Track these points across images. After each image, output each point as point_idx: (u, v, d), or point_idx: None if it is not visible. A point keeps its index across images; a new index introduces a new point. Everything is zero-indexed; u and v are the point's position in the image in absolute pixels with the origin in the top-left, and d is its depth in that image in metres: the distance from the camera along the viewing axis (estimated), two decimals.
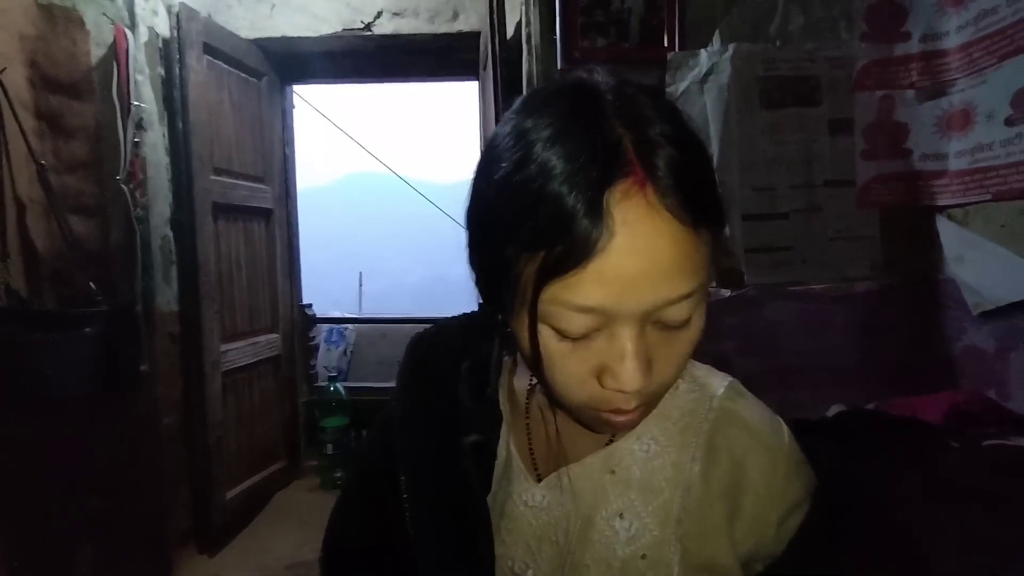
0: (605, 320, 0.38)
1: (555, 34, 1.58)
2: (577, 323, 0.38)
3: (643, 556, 0.46)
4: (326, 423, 2.23)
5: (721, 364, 0.55)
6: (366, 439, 0.60)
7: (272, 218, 2.14)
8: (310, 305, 2.41)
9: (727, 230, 1.50)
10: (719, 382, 0.52)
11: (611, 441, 0.50)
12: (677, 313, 0.38)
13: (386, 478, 0.52)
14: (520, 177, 0.37)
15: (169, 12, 1.67)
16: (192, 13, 1.69)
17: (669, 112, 0.40)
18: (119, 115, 1.61)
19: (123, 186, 1.63)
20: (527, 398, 0.54)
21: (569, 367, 0.40)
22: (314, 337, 2.46)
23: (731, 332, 1.52)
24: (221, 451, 1.85)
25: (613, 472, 0.49)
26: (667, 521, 0.47)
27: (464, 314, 0.61)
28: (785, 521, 0.47)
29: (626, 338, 0.38)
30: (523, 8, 1.59)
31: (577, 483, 0.49)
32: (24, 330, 1.51)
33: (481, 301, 0.48)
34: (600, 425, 0.44)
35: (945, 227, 1.47)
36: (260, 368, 2.08)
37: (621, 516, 0.47)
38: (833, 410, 1.33)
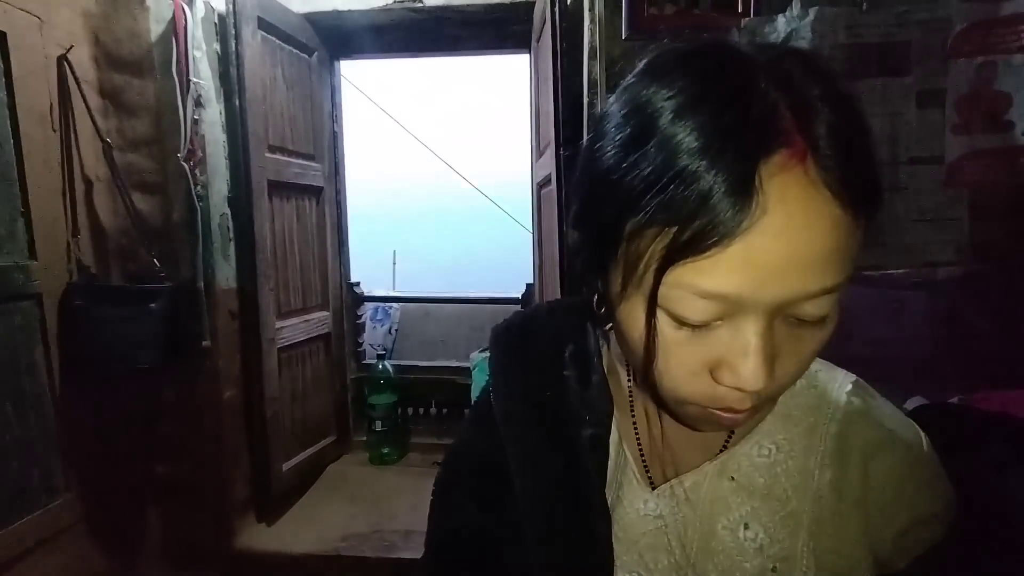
0: (732, 309, 0.33)
1: (620, 4, 1.50)
2: (701, 310, 0.34)
3: (773, 568, 0.43)
4: (374, 400, 2.26)
5: None
6: (462, 434, 0.56)
7: (323, 196, 2.14)
8: (358, 283, 2.43)
9: None
10: (843, 379, 0.48)
11: (726, 445, 0.46)
12: (815, 308, 0.34)
13: (493, 476, 0.48)
14: (649, 149, 0.33)
15: None
16: None
17: (826, 73, 0.34)
18: (179, 92, 1.62)
19: (184, 164, 1.65)
20: (630, 395, 0.50)
21: (682, 357, 0.36)
22: (361, 315, 2.48)
23: None
24: (277, 425, 1.90)
25: (732, 479, 0.45)
26: (797, 532, 0.43)
27: (549, 301, 0.57)
28: (908, 532, 0.42)
29: (752, 331, 0.33)
30: None
31: (696, 491, 0.46)
32: (95, 303, 1.56)
33: (583, 280, 0.44)
34: (703, 423, 0.40)
35: None
36: (312, 345, 2.12)
37: (746, 526, 0.44)
38: (911, 403, 1.26)
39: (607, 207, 0.36)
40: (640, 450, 0.49)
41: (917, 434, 0.46)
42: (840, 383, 0.47)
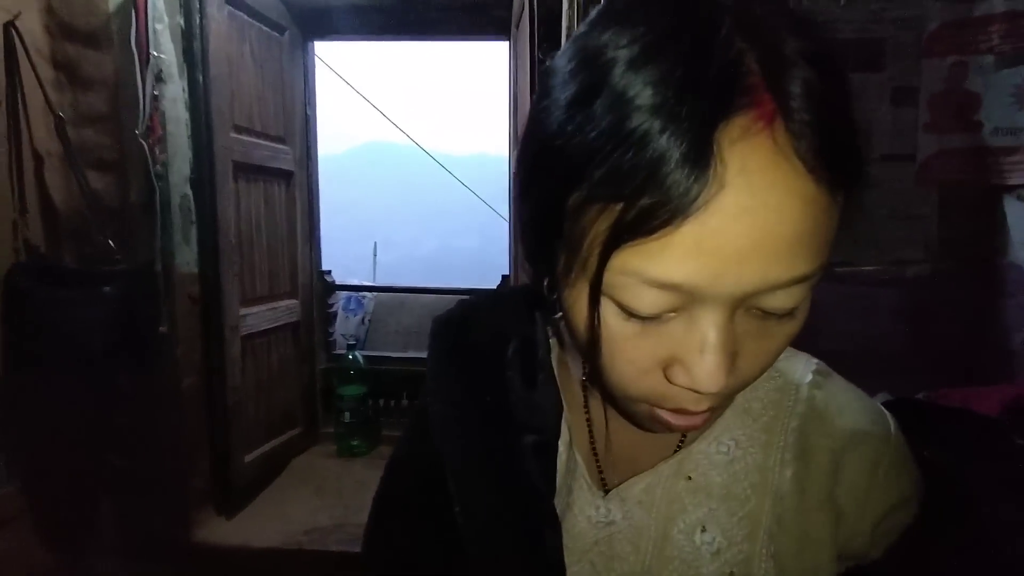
0: (687, 300, 0.29)
1: None
2: (651, 301, 0.29)
3: (730, 573, 0.40)
4: (344, 391, 2.21)
5: None
6: (403, 440, 0.51)
7: (293, 181, 2.08)
8: (329, 272, 2.37)
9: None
10: (803, 367, 0.44)
11: (681, 443, 0.43)
12: (783, 300, 0.29)
13: (439, 493, 0.43)
14: (596, 108, 0.28)
15: None
16: None
17: (804, 24, 0.29)
18: (137, 66, 1.55)
19: (142, 141, 1.57)
20: (584, 390, 0.45)
21: (631, 353, 0.32)
22: (332, 304, 2.43)
23: None
24: (240, 415, 1.84)
25: (689, 479, 0.42)
26: (756, 534, 0.41)
27: (494, 289, 0.52)
28: (884, 520, 0.41)
29: (710, 326, 0.29)
30: None
31: (650, 493, 0.42)
32: (44, 286, 1.48)
33: (529, 267, 0.40)
34: (653, 424, 0.36)
35: (1015, 208, 1.37)
36: (279, 334, 2.06)
37: (703, 529, 0.41)
38: (878, 399, 1.26)
39: (549, 178, 0.31)
40: (594, 451, 0.45)
41: (884, 419, 0.43)
42: (801, 372, 0.44)
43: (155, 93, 1.59)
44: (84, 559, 1.68)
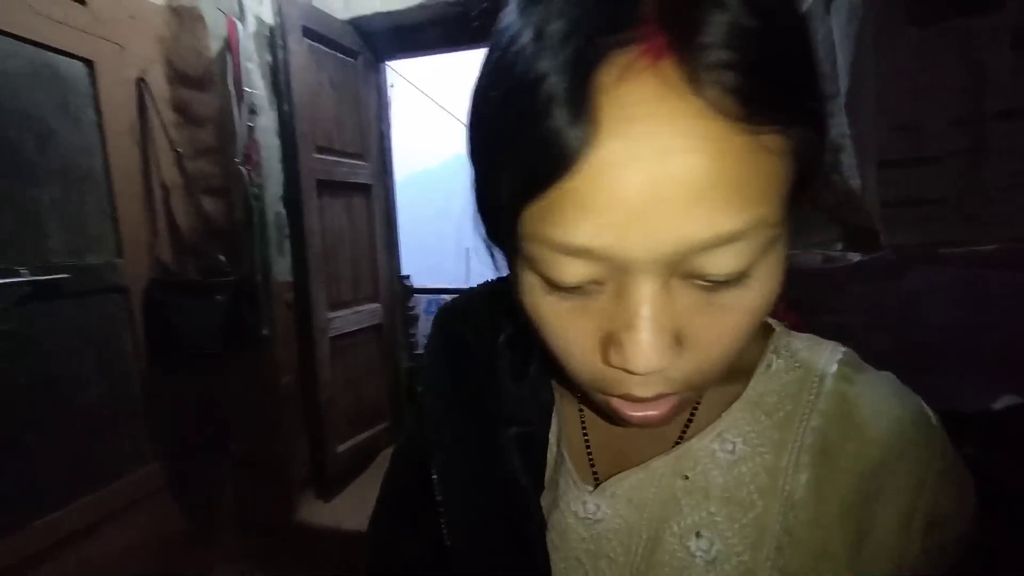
0: (610, 269, 0.27)
1: None
2: (567, 270, 0.27)
3: None
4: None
5: (843, 341, 0.41)
6: (404, 428, 0.51)
7: (371, 193, 2.24)
8: (408, 276, 2.52)
9: (851, 175, 1.25)
10: (828, 356, 0.38)
11: (682, 438, 0.39)
12: (721, 264, 0.26)
13: (426, 480, 0.43)
14: (492, 64, 0.27)
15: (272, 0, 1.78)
16: None
17: None
18: (234, 102, 1.77)
19: (241, 168, 1.80)
20: None
21: (568, 332, 0.30)
22: (413, 307, 2.57)
23: (859, 304, 1.29)
24: (331, 409, 2.02)
25: (686, 478, 0.38)
26: (760, 544, 0.35)
27: (501, 278, 0.48)
28: (923, 538, 0.34)
29: (638, 298, 0.27)
30: None
31: (642, 491, 0.39)
32: (171, 296, 1.76)
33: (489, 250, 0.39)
34: (615, 416, 0.33)
35: None
36: (363, 335, 2.23)
37: (698, 535, 0.37)
38: (1003, 403, 1.07)
39: (473, 155, 0.31)
40: (587, 444, 0.42)
41: (923, 414, 0.36)
42: (825, 362, 0.38)
43: (250, 124, 1.81)
44: (210, 531, 1.95)
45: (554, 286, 0.28)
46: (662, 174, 0.23)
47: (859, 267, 1.32)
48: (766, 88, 0.24)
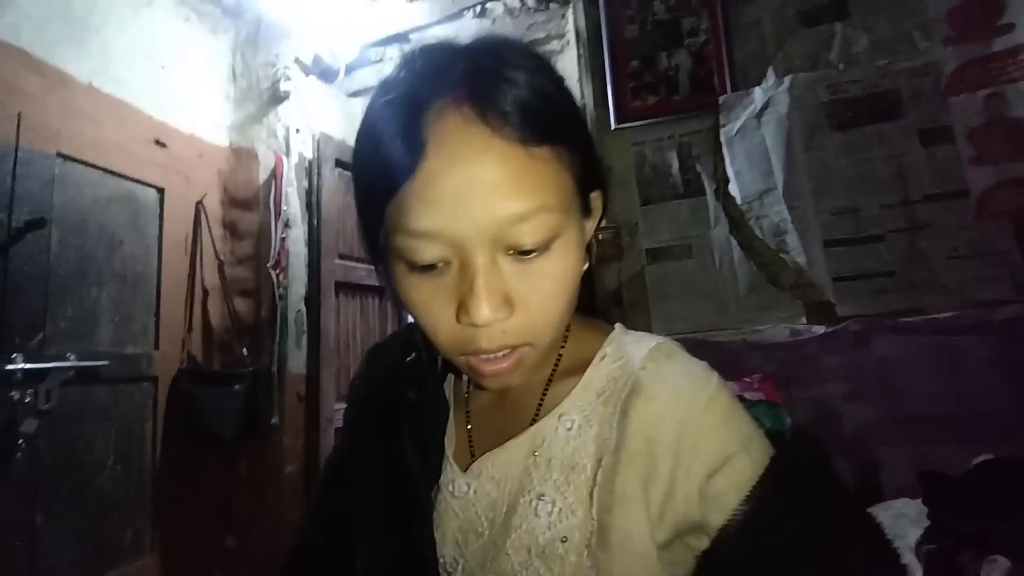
0: (453, 248, 0.38)
1: (607, 102, 1.70)
2: (422, 251, 0.38)
3: (563, 539, 0.42)
4: None
5: (829, 413, 0.47)
6: (332, 453, 0.61)
7: (384, 294, 2.46)
8: None
9: (797, 253, 1.36)
10: (644, 346, 0.47)
11: (535, 421, 0.47)
12: (527, 236, 0.37)
13: (342, 478, 0.53)
14: (371, 114, 0.42)
15: (312, 139, 2.19)
16: (328, 138, 2.20)
17: (524, 52, 0.41)
18: (272, 218, 2.09)
19: (271, 271, 2.07)
20: (468, 386, 0.54)
21: (430, 305, 0.40)
22: None
23: (833, 374, 1.34)
24: None
25: (535, 454, 0.46)
26: (587, 500, 0.43)
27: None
28: (712, 480, 0.40)
29: (475, 267, 0.37)
30: (578, 83, 1.76)
31: (502, 469, 0.47)
32: (194, 385, 1.92)
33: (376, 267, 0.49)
34: (475, 376, 0.43)
35: None
36: None
37: (542, 498, 0.44)
38: (979, 460, 1.06)
39: (356, 182, 0.44)
40: (470, 436, 0.51)
41: (706, 380, 0.44)
42: (641, 350, 0.47)
43: (283, 236, 2.12)
44: None
45: (414, 266, 0.39)
46: (470, 175, 0.36)
47: (825, 338, 1.38)
48: (532, 121, 0.38)
